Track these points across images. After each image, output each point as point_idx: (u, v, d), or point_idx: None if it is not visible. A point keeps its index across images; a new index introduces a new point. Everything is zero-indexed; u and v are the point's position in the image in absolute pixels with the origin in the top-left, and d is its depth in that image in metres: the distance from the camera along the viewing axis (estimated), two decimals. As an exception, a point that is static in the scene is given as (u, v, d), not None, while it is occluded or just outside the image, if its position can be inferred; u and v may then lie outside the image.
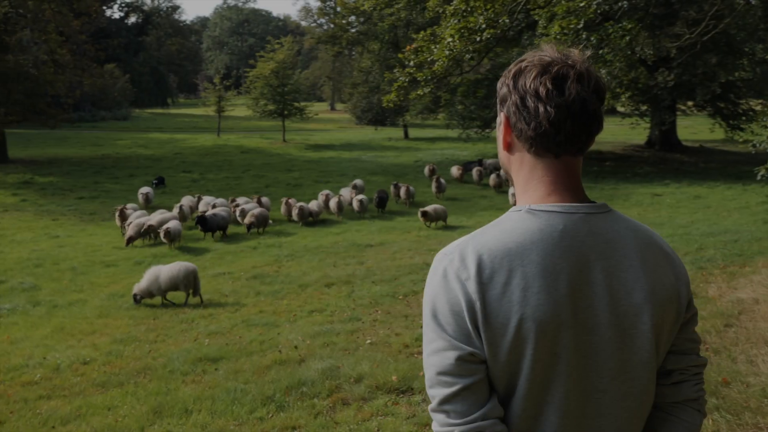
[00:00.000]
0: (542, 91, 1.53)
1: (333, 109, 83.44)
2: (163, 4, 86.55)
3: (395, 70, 12.63)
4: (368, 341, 8.09)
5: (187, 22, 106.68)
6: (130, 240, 16.72)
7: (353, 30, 44.06)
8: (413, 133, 46.58)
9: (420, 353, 6.57)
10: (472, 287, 1.48)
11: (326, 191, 21.91)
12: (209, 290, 12.13)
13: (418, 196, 23.53)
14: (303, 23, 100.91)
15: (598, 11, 9.57)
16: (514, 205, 1.65)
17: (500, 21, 9.83)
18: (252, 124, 54.11)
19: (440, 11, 11.86)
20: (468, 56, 10.79)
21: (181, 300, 11.47)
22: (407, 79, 11.73)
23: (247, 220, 17.98)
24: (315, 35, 52.67)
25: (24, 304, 11.46)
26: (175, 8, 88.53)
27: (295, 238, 17.48)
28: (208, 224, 17.27)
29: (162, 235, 16.06)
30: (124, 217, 18.42)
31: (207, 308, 10.97)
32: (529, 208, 1.57)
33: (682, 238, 13.95)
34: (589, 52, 1.65)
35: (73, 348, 8.83)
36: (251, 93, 42.93)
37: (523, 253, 1.50)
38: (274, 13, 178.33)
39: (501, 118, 1.65)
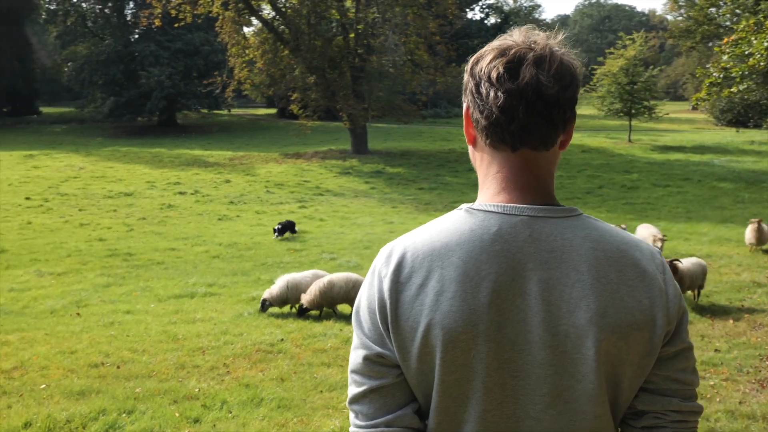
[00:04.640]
0: (494, 74, 1.35)
1: (695, 108, 77.44)
2: (524, 4, 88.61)
3: (708, 65, 11.28)
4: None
5: (547, 20, 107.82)
6: None
7: (712, 23, 40.38)
8: (784, 136, 41.29)
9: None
10: (386, 286, 1.39)
11: None
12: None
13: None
14: (668, 17, 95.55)
15: None
16: None
17: None
18: (598, 123, 52.83)
19: None
20: (798, 47, 9.15)
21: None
22: (721, 75, 10.39)
23: None
24: (675, 29, 49.29)
25: (344, 281, 12.74)
26: (536, 7, 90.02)
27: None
28: None
29: None
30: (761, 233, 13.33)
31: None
32: (468, 206, 1.42)
33: None
34: (561, 36, 1.39)
35: (368, 324, 9.60)
36: (597, 91, 41.80)
37: (446, 254, 1.35)
38: (638, 8, 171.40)
39: (464, 108, 1.50)
